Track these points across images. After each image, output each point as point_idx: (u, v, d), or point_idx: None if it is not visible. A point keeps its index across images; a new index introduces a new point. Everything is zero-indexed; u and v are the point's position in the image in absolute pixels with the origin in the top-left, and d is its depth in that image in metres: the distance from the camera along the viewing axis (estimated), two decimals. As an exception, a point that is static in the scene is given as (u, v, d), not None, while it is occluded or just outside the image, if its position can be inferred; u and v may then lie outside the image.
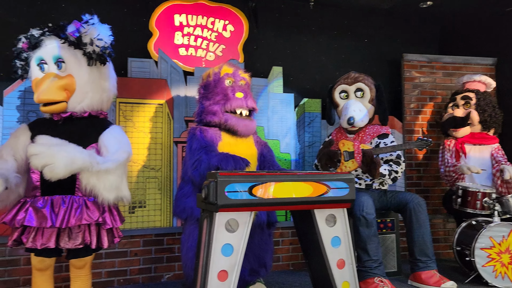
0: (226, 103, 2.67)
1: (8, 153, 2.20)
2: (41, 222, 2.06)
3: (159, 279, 3.14)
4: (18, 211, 2.12)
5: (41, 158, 1.93)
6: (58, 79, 2.20)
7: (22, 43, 2.31)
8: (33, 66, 2.29)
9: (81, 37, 2.21)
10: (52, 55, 2.24)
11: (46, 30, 2.29)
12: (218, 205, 1.97)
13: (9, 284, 2.74)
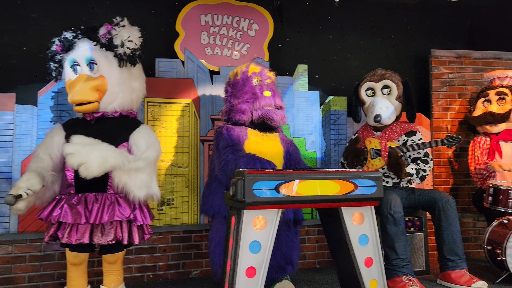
0: (255, 101, 2.69)
1: (44, 152, 2.29)
2: (75, 218, 2.14)
3: (187, 275, 3.20)
4: (54, 208, 2.20)
5: (76, 157, 2.00)
6: (91, 80, 2.27)
7: (56, 46, 2.39)
8: (67, 68, 2.37)
9: (112, 39, 2.27)
10: (84, 57, 2.31)
11: (78, 33, 2.36)
12: (246, 203, 1.99)
13: (44, 278, 2.85)
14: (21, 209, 2.09)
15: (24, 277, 2.81)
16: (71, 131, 2.31)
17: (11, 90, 2.96)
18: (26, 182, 2.08)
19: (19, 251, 2.81)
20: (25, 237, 2.82)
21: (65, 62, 2.37)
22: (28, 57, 3.05)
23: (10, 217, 2.86)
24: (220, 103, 3.43)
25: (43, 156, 2.27)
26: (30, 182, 2.08)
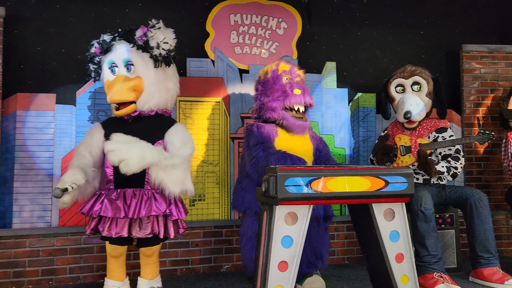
0: (285, 99, 2.74)
1: (85, 149, 2.40)
2: (115, 213, 2.24)
3: (218, 269, 3.28)
4: (95, 203, 2.32)
5: (117, 154, 2.10)
6: (128, 81, 2.37)
7: (95, 48, 2.50)
8: (105, 69, 2.48)
9: (148, 41, 2.36)
10: (122, 59, 2.41)
11: (116, 35, 2.46)
12: (278, 199, 2.04)
13: (84, 270, 2.99)
14: (66, 202, 2.21)
15: (65, 269, 2.95)
16: (109, 129, 2.41)
17: (51, 90, 3.10)
18: (71, 177, 2.20)
19: (61, 244, 2.95)
20: (66, 231, 2.97)
21: (104, 64, 2.48)
22: (67, 59, 3.19)
23: (52, 211, 3.01)
24: (249, 101, 3.49)
25: (84, 153, 2.38)
26: (74, 177, 2.20)
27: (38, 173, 3.01)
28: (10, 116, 3.01)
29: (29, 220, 2.97)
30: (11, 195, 2.96)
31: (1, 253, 2.83)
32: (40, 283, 2.89)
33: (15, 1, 3.09)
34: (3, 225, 2.93)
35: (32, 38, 3.13)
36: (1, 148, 2.97)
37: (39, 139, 3.04)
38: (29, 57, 3.11)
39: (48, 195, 3.01)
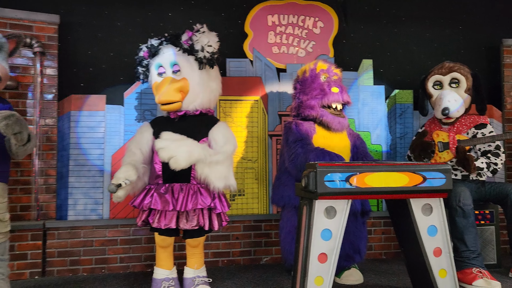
0: (323, 97, 2.82)
1: (136, 147, 2.57)
2: (164, 206, 2.40)
3: (258, 261, 3.41)
4: (145, 196, 2.48)
5: (167, 151, 2.26)
6: (175, 82, 2.52)
7: (143, 52, 2.66)
8: (153, 72, 2.64)
9: (193, 45, 2.50)
10: (169, 62, 2.55)
11: (163, 39, 2.61)
12: (318, 193, 2.13)
13: (133, 259, 3.19)
14: (120, 196, 2.38)
15: (116, 258, 3.16)
16: (157, 128, 2.57)
17: (101, 92, 3.31)
18: (124, 173, 2.37)
19: (112, 235, 3.16)
20: (116, 223, 3.17)
21: (152, 67, 2.64)
22: (115, 62, 3.39)
23: (103, 205, 3.23)
24: (287, 100, 3.59)
25: (135, 151, 2.55)
26: (127, 173, 2.37)
27: (90, 169, 3.24)
28: (65, 116, 3.24)
29: (83, 213, 3.20)
30: (67, 189, 3.19)
31: (58, 243, 3.06)
32: (93, 271, 3.11)
33: (68, 9, 3.32)
34: (60, 217, 3.17)
35: (83, 43, 3.35)
36: (58, 146, 3.20)
37: (91, 137, 3.25)
38: (81, 61, 3.33)
39: (99, 189, 3.23)
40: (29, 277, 2.97)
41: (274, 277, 2.96)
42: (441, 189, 2.24)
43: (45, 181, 3.13)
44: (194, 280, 2.52)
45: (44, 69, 3.15)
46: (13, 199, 3.00)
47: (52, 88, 3.18)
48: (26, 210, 3.07)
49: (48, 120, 3.17)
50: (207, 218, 2.49)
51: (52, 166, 3.16)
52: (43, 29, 3.16)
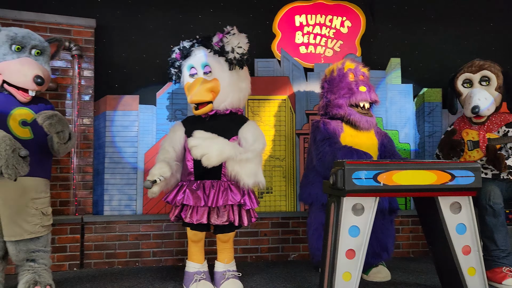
0: (351, 96, 2.86)
1: (169, 145, 2.67)
2: (196, 201, 2.49)
3: (285, 258, 3.47)
4: (178, 192, 2.58)
5: (200, 149, 2.35)
6: (206, 83, 2.60)
7: (176, 54, 2.76)
8: (185, 73, 2.73)
9: (224, 46, 2.58)
10: (200, 63, 2.64)
11: (194, 41, 2.70)
12: (346, 191, 2.17)
13: (165, 254, 3.31)
14: (155, 192, 2.49)
15: (149, 252, 3.29)
16: (189, 127, 2.66)
17: (135, 92, 3.45)
18: (159, 170, 2.47)
19: (145, 230, 3.29)
20: (149, 218, 3.30)
21: (184, 68, 2.73)
22: (147, 63, 3.52)
23: (136, 200, 3.36)
24: (314, 99, 3.63)
25: (168, 149, 2.66)
26: (162, 170, 2.47)
27: (124, 166, 3.37)
28: (101, 116, 3.39)
29: (118, 208, 3.34)
30: (103, 185, 3.34)
31: (95, 237, 3.21)
32: (128, 264, 3.25)
33: (104, 13, 3.47)
34: (96, 212, 3.32)
35: (118, 46, 3.49)
36: (94, 144, 3.35)
37: (125, 136, 3.39)
38: (115, 63, 3.48)
39: (133, 186, 3.36)
40: (68, 269, 3.13)
41: (301, 273, 3.02)
42: (470, 187, 2.25)
43: (82, 177, 3.29)
44: (225, 274, 2.60)
45: (82, 71, 3.31)
46: (53, 194, 3.15)
47: (88, 89, 3.33)
48: (65, 205, 3.23)
49: (85, 120, 3.32)
50: (237, 214, 2.57)
51: (89, 163, 3.31)
52: (81, 33, 3.32)
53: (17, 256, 2.39)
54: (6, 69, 2.37)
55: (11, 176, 2.02)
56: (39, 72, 2.40)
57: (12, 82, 2.38)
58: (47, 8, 3.31)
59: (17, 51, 2.43)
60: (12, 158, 2.02)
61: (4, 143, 2.03)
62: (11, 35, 2.42)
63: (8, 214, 2.34)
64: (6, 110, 2.38)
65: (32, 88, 2.42)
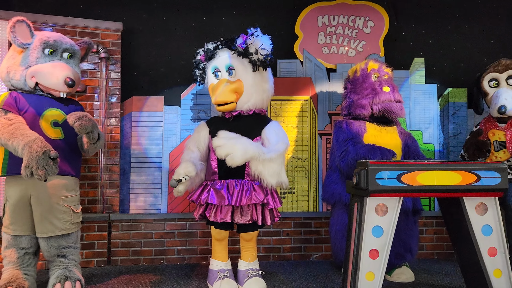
0: (375, 97, 2.86)
1: (194, 145, 2.73)
2: (220, 200, 2.53)
3: (308, 258, 3.48)
4: (202, 192, 2.63)
5: (224, 149, 2.39)
6: (230, 84, 2.65)
7: (200, 56, 2.81)
8: (209, 74, 2.78)
9: (248, 48, 2.62)
10: (224, 64, 2.69)
11: (219, 43, 2.75)
12: (369, 191, 2.18)
13: (189, 252, 3.37)
14: (181, 191, 2.55)
15: (174, 250, 3.35)
16: (213, 127, 2.72)
17: (160, 93, 3.52)
18: (184, 169, 2.53)
19: (170, 228, 3.36)
20: (174, 217, 3.36)
21: (208, 69, 2.78)
22: (172, 65, 3.59)
23: (161, 199, 3.43)
24: (336, 99, 3.64)
25: (193, 148, 2.71)
26: (187, 170, 2.53)
27: (150, 166, 3.45)
28: (127, 116, 3.48)
29: (143, 207, 3.42)
30: (129, 184, 3.43)
31: (121, 234, 3.30)
32: (153, 261, 3.32)
33: (130, 17, 3.55)
34: (122, 210, 3.41)
35: (143, 48, 3.57)
36: (120, 144, 3.44)
37: (151, 136, 3.47)
38: (141, 65, 3.56)
39: (158, 185, 3.44)
40: (96, 265, 3.22)
41: (324, 273, 3.03)
42: (496, 188, 2.22)
43: (109, 176, 3.38)
44: (248, 272, 2.64)
45: (109, 73, 3.40)
46: (82, 193, 3.24)
47: (115, 91, 3.42)
48: (93, 203, 3.33)
49: (112, 121, 3.41)
50: (260, 213, 2.60)
51: (115, 163, 3.40)
52: (108, 36, 3.41)
53: (48, 252, 2.48)
54: (39, 72, 2.47)
55: (41, 177, 2.11)
56: (70, 75, 2.49)
57: (45, 84, 2.48)
58: (76, 12, 3.42)
59: (50, 55, 2.53)
60: (43, 160, 2.10)
61: (35, 145, 2.12)
62: (44, 39, 2.52)
63: (40, 212, 2.43)
64: (39, 112, 2.48)
65: (63, 90, 2.51)
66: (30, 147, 2.12)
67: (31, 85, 2.49)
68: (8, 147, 2.25)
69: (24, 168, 2.10)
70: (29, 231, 2.46)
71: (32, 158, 2.09)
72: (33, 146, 2.12)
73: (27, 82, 2.49)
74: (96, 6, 3.52)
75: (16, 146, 2.18)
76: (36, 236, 2.47)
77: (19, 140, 2.17)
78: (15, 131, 2.22)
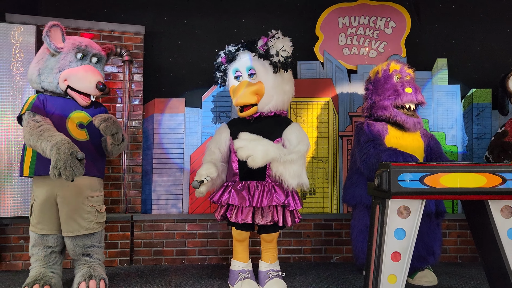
0: (397, 98, 2.83)
1: (215, 146, 2.75)
2: (241, 202, 2.55)
3: (328, 259, 3.47)
4: (223, 193, 2.65)
5: (245, 150, 2.41)
6: (251, 86, 2.66)
7: (221, 58, 2.84)
8: (230, 76, 2.80)
9: (268, 50, 2.63)
10: (246, 66, 2.70)
11: (240, 46, 2.77)
12: (391, 193, 2.16)
13: (210, 252, 3.40)
14: (202, 192, 2.58)
15: (195, 251, 3.39)
16: (235, 129, 2.73)
17: (181, 95, 3.57)
18: (206, 170, 2.56)
19: (191, 228, 3.39)
20: (195, 217, 3.40)
21: (229, 71, 2.81)
22: (193, 67, 3.63)
23: (182, 200, 3.48)
24: (357, 100, 3.62)
25: (214, 150, 2.74)
26: (209, 171, 2.55)
27: (171, 167, 3.50)
28: (149, 118, 3.53)
29: (165, 207, 3.47)
30: (151, 185, 3.48)
31: (144, 234, 3.35)
32: (175, 261, 3.36)
33: (152, 20, 3.61)
34: (145, 211, 3.47)
35: (165, 51, 3.63)
36: (143, 145, 3.50)
37: (172, 138, 3.52)
38: (163, 67, 3.61)
39: (179, 186, 3.48)
40: (119, 264, 3.28)
41: (345, 275, 3.01)
42: (523, 191, 2.17)
43: (132, 177, 3.43)
44: (269, 273, 2.65)
45: (132, 76, 3.46)
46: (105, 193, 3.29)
47: (138, 93, 3.48)
48: (116, 203, 3.39)
49: (135, 122, 3.47)
50: (281, 214, 2.60)
51: (138, 164, 3.46)
52: (131, 39, 3.47)
53: (74, 250, 2.55)
54: (73, 75, 2.54)
55: (68, 177, 2.17)
56: (101, 79, 2.57)
57: (77, 87, 2.56)
58: (100, 16, 3.50)
59: (80, 59, 2.61)
60: (70, 161, 2.16)
61: (63, 146, 2.18)
62: (77, 44, 2.60)
63: (66, 211, 2.50)
64: (65, 114, 2.54)
65: (94, 94, 2.60)
66: (58, 148, 2.18)
67: (63, 87, 2.57)
68: (36, 148, 2.31)
69: (52, 169, 2.16)
70: (55, 230, 2.52)
71: (60, 159, 2.15)
72: (61, 147, 2.18)
73: (59, 85, 2.56)
74: (119, 10, 3.59)
75: (44, 147, 2.24)
76: (62, 235, 2.54)
77: (47, 142, 2.24)
78: (43, 133, 2.29)
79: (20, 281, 2.78)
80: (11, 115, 3.01)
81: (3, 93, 3.04)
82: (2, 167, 2.99)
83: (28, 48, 3.11)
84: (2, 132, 3.01)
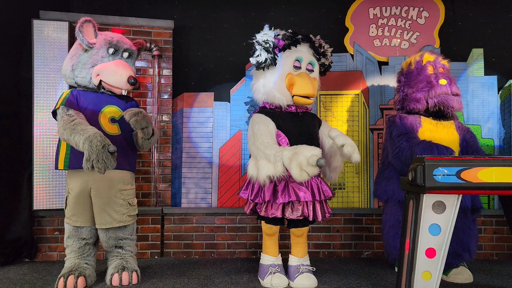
0: (431, 90, 2.74)
1: (270, 137, 2.52)
2: (305, 197, 2.52)
3: (358, 255, 3.42)
4: (284, 189, 2.59)
5: (353, 147, 2.48)
6: (313, 80, 2.62)
7: (277, 40, 2.64)
8: (288, 63, 2.60)
9: (325, 51, 2.70)
10: (309, 59, 2.63)
11: (299, 37, 2.68)
12: (426, 187, 2.09)
13: (239, 246, 3.40)
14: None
15: (224, 244, 3.40)
16: (280, 121, 2.59)
17: (210, 89, 3.58)
18: (311, 150, 2.34)
19: (220, 222, 3.41)
20: (224, 211, 3.41)
21: (286, 58, 2.62)
22: (222, 61, 3.63)
23: (211, 194, 3.49)
24: (389, 93, 3.53)
25: (271, 141, 2.49)
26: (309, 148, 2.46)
27: (200, 161, 3.52)
28: (179, 113, 3.56)
29: (194, 201, 3.49)
30: (180, 179, 3.51)
31: (174, 227, 3.39)
32: (204, 254, 3.39)
33: (181, 15, 3.63)
34: (174, 204, 3.50)
35: (193, 45, 3.64)
36: (172, 139, 3.53)
37: (201, 132, 3.54)
38: (191, 62, 3.63)
39: (208, 179, 3.50)
40: (150, 257, 3.33)
41: (376, 271, 2.96)
42: None
43: (162, 171, 3.47)
44: (299, 268, 2.62)
45: (161, 70, 3.49)
46: (136, 187, 3.36)
47: (167, 87, 3.51)
48: (146, 197, 3.44)
49: (164, 117, 3.50)
50: (311, 209, 2.57)
51: (167, 158, 3.49)
52: (160, 34, 3.50)
53: (107, 242, 2.60)
54: (105, 70, 2.58)
55: (100, 169, 2.21)
56: (132, 74, 2.61)
57: (109, 82, 2.60)
58: (130, 11, 3.54)
59: (112, 54, 2.64)
60: (102, 154, 2.20)
61: (95, 139, 2.22)
62: (109, 39, 2.64)
63: (99, 204, 2.55)
64: (98, 108, 2.59)
65: (126, 88, 2.63)
66: (90, 141, 2.22)
67: (96, 82, 2.61)
68: (70, 142, 2.36)
69: (85, 162, 2.21)
70: (89, 223, 2.58)
71: (92, 152, 2.20)
72: (93, 140, 2.22)
73: (92, 80, 2.60)
74: (149, 5, 3.62)
75: (77, 140, 2.29)
76: (95, 228, 2.59)
77: (80, 135, 2.28)
78: (76, 127, 2.33)
79: (55, 271, 2.86)
80: (47, 110, 3.09)
81: (38, 88, 3.12)
82: (38, 160, 3.08)
83: (61, 44, 3.18)
84: (38, 127, 3.10)
